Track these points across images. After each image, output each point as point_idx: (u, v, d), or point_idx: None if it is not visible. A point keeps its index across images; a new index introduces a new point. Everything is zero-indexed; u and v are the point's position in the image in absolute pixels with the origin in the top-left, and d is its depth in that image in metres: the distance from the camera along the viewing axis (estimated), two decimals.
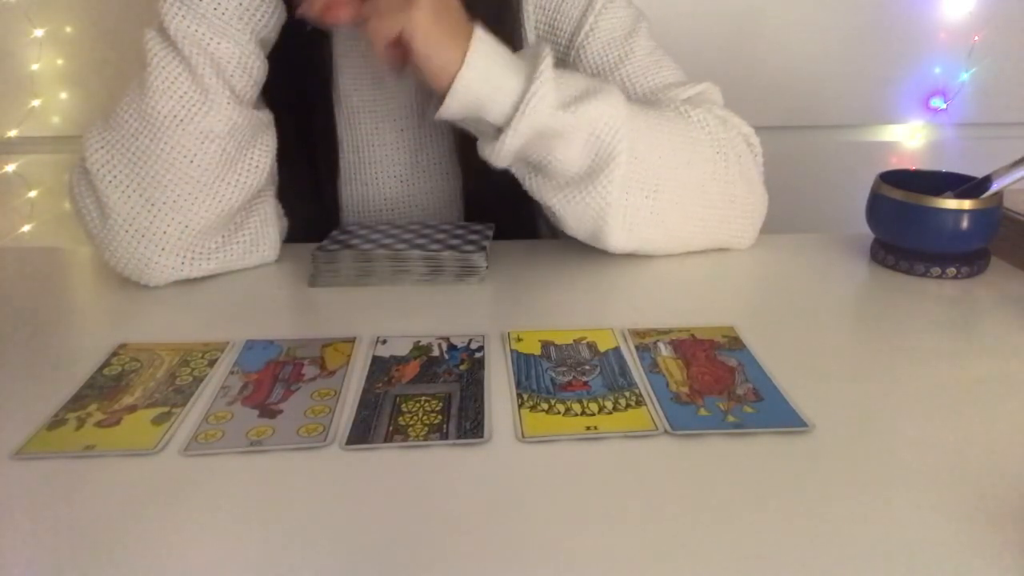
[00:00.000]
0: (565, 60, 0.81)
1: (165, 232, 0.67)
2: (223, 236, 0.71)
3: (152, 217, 0.67)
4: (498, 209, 0.83)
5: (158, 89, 0.65)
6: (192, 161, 0.66)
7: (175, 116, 0.66)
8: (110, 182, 0.67)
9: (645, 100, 0.78)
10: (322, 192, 0.84)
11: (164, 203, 0.67)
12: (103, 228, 0.68)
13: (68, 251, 0.81)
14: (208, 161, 0.67)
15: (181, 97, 0.66)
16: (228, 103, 0.67)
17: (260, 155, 0.71)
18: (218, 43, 0.66)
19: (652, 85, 0.79)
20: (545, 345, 0.59)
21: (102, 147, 0.67)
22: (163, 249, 0.68)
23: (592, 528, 0.40)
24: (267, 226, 0.74)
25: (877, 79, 1.32)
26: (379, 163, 0.85)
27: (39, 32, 1.23)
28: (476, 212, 0.86)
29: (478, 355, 0.57)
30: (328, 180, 0.84)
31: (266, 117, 0.72)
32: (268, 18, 0.69)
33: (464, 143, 0.81)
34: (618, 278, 0.72)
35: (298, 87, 0.80)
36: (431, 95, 0.69)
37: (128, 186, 0.67)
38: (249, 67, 0.68)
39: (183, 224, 0.68)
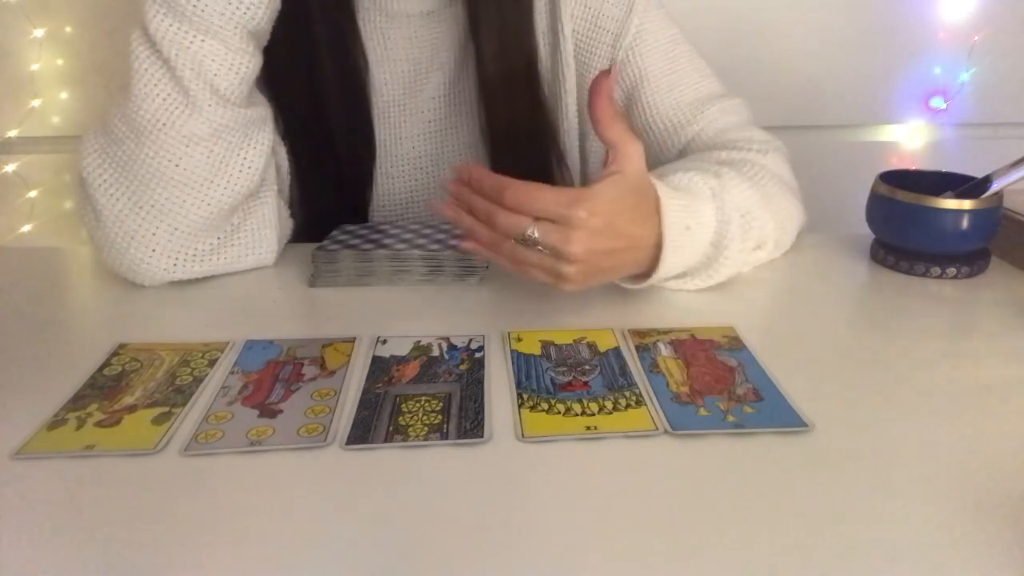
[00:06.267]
0: (612, 59, 0.81)
1: (154, 235, 0.67)
2: (218, 238, 0.70)
3: (141, 220, 0.67)
4: None
5: (140, 93, 0.65)
6: (178, 165, 0.66)
7: (157, 120, 0.65)
8: (99, 186, 0.67)
9: (693, 110, 0.80)
10: (356, 185, 0.85)
11: (152, 207, 0.66)
12: (98, 230, 0.68)
13: (68, 251, 0.81)
14: (194, 164, 0.66)
15: (163, 101, 0.65)
16: (210, 105, 0.66)
17: (253, 154, 0.70)
18: (202, 41, 0.64)
19: (697, 95, 0.81)
20: (545, 345, 0.59)
21: (94, 151, 0.68)
22: (153, 251, 0.67)
23: (592, 528, 0.40)
24: (265, 228, 0.73)
25: (877, 79, 1.32)
26: (407, 154, 0.85)
27: (39, 32, 1.23)
28: None
29: (478, 355, 0.57)
30: (361, 173, 0.84)
31: (259, 113, 0.71)
32: (255, 9, 0.65)
33: (489, 130, 0.82)
34: None
35: (334, 83, 0.80)
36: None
37: (117, 190, 0.67)
38: (236, 65, 0.66)
39: (172, 227, 0.67)
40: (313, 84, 0.79)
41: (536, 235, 0.55)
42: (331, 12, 0.78)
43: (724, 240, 0.64)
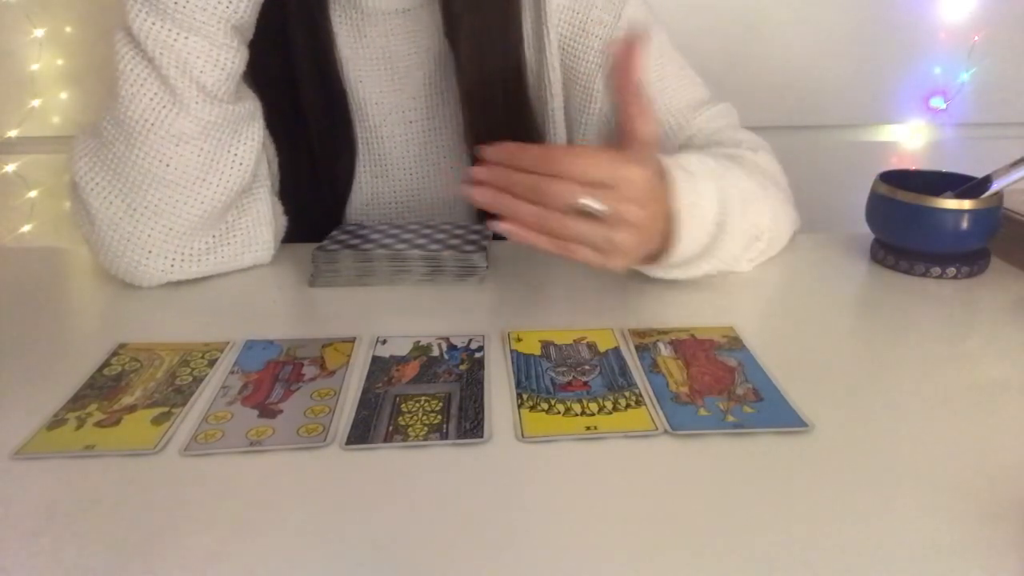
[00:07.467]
0: (601, 63, 0.80)
1: (149, 236, 0.67)
2: (214, 237, 0.70)
3: (135, 223, 0.66)
4: None
5: (127, 94, 0.64)
6: (168, 165, 0.65)
7: (145, 121, 0.64)
8: (92, 190, 0.66)
9: (684, 116, 0.80)
10: (334, 187, 0.84)
11: (145, 209, 0.66)
12: (92, 234, 0.68)
13: (68, 251, 0.81)
14: (185, 164, 0.66)
15: (150, 101, 0.64)
16: (197, 103, 0.65)
17: (244, 150, 0.69)
18: (185, 38, 0.63)
19: (687, 101, 0.80)
20: (545, 345, 0.59)
21: (86, 154, 0.67)
22: (149, 252, 0.67)
23: (592, 528, 0.40)
24: (260, 226, 0.73)
25: (877, 79, 1.32)
26: (388, 155, 0.84)
27: (39, 32, 1.23)
28: None
29: (478, 355, 0.57)
30: (341, 174, 0.83)
31: (247, 108, 0.70)
32: (238, 2, 0.65)
33: (472, 133, 0.81)
34: (618, 278, 0.72)
35: (310, 77, 0.79)
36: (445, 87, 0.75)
37: (110, 193, 0.66)
38: (221, 61, 0.65)
39: (167, 228, 0.67)
40: (289, 78, 0.78)
41: (590, 201, 0.52)
42: (307, 6, 0.77)
43: (727, 219, 0.63)
